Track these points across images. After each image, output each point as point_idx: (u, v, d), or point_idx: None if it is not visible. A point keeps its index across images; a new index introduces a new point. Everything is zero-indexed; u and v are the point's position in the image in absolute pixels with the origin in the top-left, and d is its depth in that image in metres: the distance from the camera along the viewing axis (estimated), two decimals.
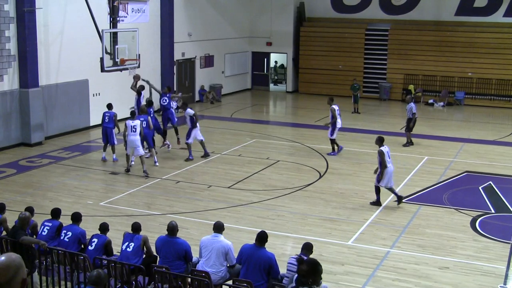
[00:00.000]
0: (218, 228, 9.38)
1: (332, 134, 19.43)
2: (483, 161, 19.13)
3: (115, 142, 18.25)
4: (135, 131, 16.69)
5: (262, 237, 8.98)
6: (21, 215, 9.21)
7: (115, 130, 18.26)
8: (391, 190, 14.69)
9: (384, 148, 14.57)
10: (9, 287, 3.23)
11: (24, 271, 3.30)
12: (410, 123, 21.03)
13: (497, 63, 29.49)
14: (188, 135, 18.35)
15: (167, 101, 19.90)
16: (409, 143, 21.12)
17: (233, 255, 9.14)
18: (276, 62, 36.42)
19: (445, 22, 30.96)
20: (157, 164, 17.72)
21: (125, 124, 16.91)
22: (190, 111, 18.27)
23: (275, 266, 8.75)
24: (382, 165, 14.42)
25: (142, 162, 16.86)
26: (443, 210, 14.44)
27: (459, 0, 30.61)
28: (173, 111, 20.07)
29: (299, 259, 8.00)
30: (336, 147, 19.67)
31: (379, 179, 14.54)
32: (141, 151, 16.87)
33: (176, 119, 20.12)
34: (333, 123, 19.20)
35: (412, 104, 21.00)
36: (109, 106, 18.68)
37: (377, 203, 14.63)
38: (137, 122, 16.81)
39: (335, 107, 19.33)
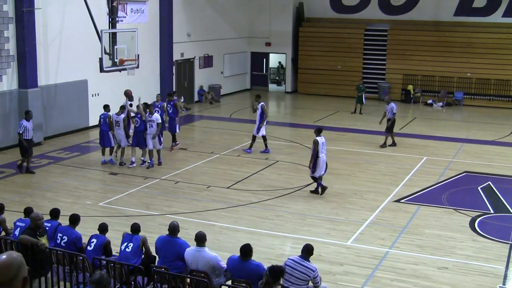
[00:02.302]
0: (201, 240, 8.85)
1: (258, 131, 19.42)
2: (482, 161, 19.14)
3: (111, 144, 18.11)
4: (119, 126, 17.78)
5: (246, 251, 8.49)
6: (33, 215, 9.11)
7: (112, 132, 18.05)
8: (320, 178, 15.33)
9: (320, 139, 15.20)
10: (11, 286, 3.23)
11: (25, 269, 3.30)
12: (389, 123, 20.72)
13: (496, 63, 29.51)
14: (160, 141, 17.84)
15: (171, 109, 19.74)
16: (392, 144, 20.86)
17: (222, 264, 8.76)
18: (279, 62, 36.34)
19: (444, 23, 30.97)
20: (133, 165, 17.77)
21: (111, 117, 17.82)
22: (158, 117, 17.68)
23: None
24: (315, 154, 15.01)
25: (122, 153, 17.87)
26: (442, 210, 14.45)
27: (458, 0, 30.63)
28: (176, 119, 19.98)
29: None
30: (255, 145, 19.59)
31: (313, 169, 15.15)
32: (124, 143, 17.86)
33: (178, 129, 20.13)
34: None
35: (392, 104, 20.82)
36: (105, 107, 18.34)
37: (316, 191, 15.34)
38: (120, 117, 17.80)
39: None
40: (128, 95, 18.80)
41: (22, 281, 3.27)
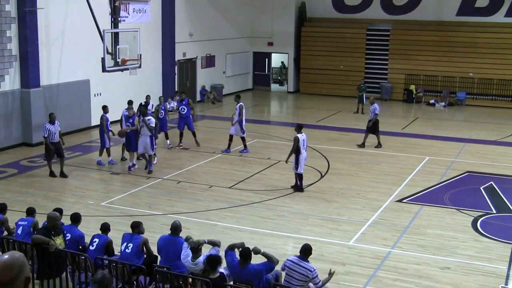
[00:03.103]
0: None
1: (243, 132, 19.35)
2: (484, 161, 19.11)
3: (106, 145, 17.73)
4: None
5: (246, 255, 8.51)
6: (50, 214, 9.10)
7: (110, 134, 17.78)
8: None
9: (301, 136, 15.34)
10: (13, 286, 3.23)
11: (28, 269, 3.29)
12: (370, 123, 20.38)
13: (498, 63, 29.46)
14: (152, 145, 17.19)
15: (186, 109, 19.77)
16: (378, 145, 20.45)
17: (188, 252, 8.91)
18: (282, 62, 36.32)
19: (447, 22, 30.94)
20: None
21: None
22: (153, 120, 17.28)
23: (265, 276, 8.56)
24: (294, 150, 15.26)
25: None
26: (444, 210, 14.43)
27: (461, 0, 30.59)
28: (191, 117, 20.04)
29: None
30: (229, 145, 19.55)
31: (296, 166, 15.39)
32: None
33: (193, 126, 20.23)
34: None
35: (376, 105, 20.52)
36: (103, 108, 18.09)
37: (300, 188, 15.58)
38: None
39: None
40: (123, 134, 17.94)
41: (24, 281, 3.27)
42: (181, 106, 19.95)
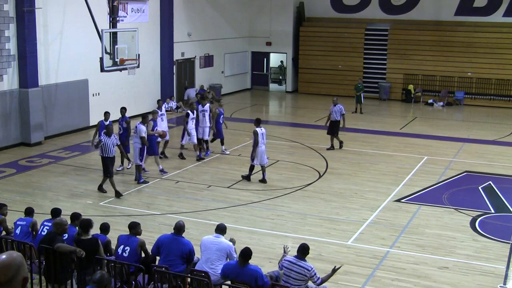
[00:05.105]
0: (221, 229, 9.39)
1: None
2: (482, 161, 19.13)
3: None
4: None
5: (246, 255, 8.52)
6: (57, 220, 9.08)
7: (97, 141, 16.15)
8: (263, 168, 16.37)
9: (260, 130, 16.09)
10: (10, 286, 3.22)
11: (26, 269, 3.29)
12: (338, 125, 20.00)
13: (496, 63, 29.50)
14: (141, 155, 16.26)
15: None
16: (331, 147, 20.09)
17: (235, 255, 9.11)
18: (282, 62, 36.24)
19: (445, 22, 30.96)
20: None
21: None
22: (143, 128, 16.22)
23: (262, 278, 8.56)
24: (255, 143, 15.97)
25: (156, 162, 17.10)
26: (442, 210, 14.44)
27: (459, 0, 30.61)
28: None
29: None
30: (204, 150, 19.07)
31: (253, 158, 16.12)
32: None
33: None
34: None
35: (340, 106, 20.09)
36: (104, 114, 17.21)
37: (247, 178, 16.32)
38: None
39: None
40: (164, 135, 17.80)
41: (22, 281, 3.26)
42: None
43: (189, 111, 18.55)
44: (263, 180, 16.34)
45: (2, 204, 10.63)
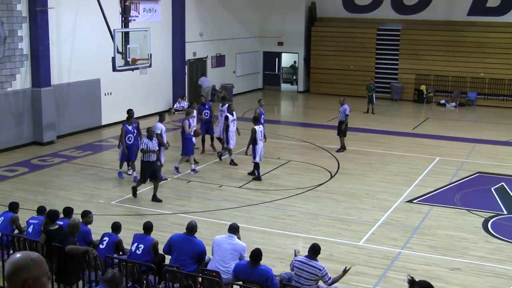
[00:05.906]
0: (234, 229, 9.41)
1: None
2: (495, 161, 19.01)
3: (122, 159, 16.53)
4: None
5: (257, 255, 8.55)
6: (70, 222, 9.10)
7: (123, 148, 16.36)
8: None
9: (258, 127, 16.49)
10: (10, 285, 3.24)
11: (32, 273, 3.24)
12: (342, 126, 19.78)
13: (509, 63, 29.29)
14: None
15: (209, 114, 19.22)
16: (342, 148, 19.93)
17: (245, 255, 9.13)
18: (295, 62, 36.07)
19: (457, 22, 30.79)
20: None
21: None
22: (160, 125, 16.36)
23: (272, 279, 8.55)
24: (252, 141, 16.34)
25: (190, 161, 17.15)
26: (454, 211, 14.37)
27: (471, 0, 30.44)
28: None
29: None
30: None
31: (254, 156, 16.40)
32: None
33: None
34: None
35: (346, 106, 19.86)
36: (127, 119, 16.56)
37: (258, 178, 16.46)
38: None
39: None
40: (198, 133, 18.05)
41: (21, 283, 3.24)
42: (204, 111, 19.23)
43: (228, 114, 18.08)
44: (252, 173, 16.71)
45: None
